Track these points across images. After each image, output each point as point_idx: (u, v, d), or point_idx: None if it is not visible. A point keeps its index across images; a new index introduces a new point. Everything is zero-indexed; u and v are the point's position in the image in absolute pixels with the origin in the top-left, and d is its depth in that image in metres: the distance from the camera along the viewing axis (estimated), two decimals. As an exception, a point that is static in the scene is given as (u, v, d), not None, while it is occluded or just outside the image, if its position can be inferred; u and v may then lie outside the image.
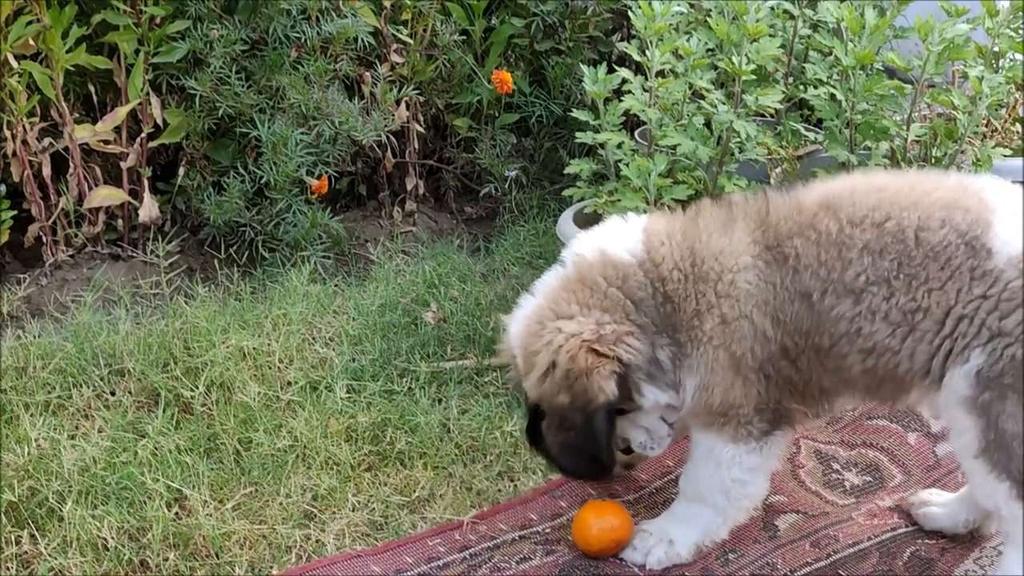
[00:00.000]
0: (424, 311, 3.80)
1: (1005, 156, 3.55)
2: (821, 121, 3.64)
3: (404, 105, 4.48)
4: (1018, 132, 3.89)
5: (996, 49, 3.61)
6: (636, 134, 3.95)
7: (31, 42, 3.85)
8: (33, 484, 2.91)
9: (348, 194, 4.67)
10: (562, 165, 4.20)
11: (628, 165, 3.46)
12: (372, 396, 3.35)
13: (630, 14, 3.53)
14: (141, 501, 2.88)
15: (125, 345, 3.50)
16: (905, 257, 2.44)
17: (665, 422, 2.73)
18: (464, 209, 4.79)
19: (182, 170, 4.32)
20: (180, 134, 4.23)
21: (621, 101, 3.54)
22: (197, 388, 3.31)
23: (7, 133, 3.92)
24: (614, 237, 2.68)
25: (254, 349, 3.49)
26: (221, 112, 4.17)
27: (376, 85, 4.38)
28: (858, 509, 2.95)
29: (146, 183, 4.20)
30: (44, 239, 4.08)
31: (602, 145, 3.61)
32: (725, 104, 3.46)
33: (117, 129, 4.13)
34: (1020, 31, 3.64)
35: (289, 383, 3.41)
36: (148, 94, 4.14)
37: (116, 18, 4.01)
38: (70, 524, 2.79)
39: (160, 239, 4.14)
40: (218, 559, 2.76)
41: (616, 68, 3.65)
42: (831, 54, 3.65)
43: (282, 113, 4.20)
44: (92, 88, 4.18)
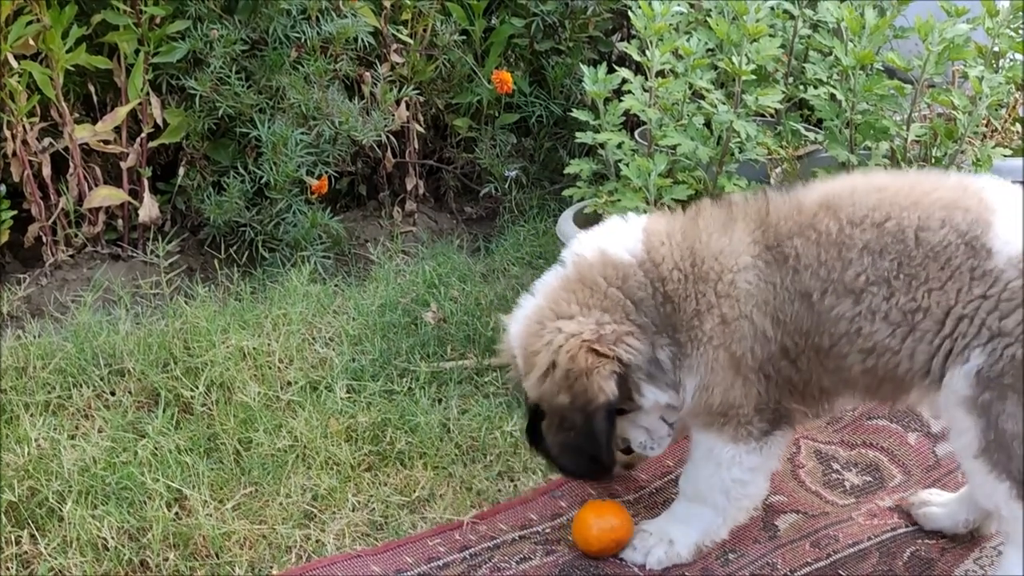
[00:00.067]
0: (424, 311, 3.80)
1: (1005, 156, 3.55)
2: (821, 121, 3.64)
3: (404, 105, 4.48)
4: (1018, 132, 3.89)
5: (996, 49, 3.61)
6: (636, 134, 3.95)
7: (31, 42, 3.84)
8: (33, 484, 2.91)
9: (348, 194, 4.67)
10: (562, 165, 4.20)
11: (628, 165, 3.46)
12: (372, 396, 3.35)
13: (630, 14, 3.53)
14: (141, 501, 2.88)
15: (125, 345, 3.50)
16: (905, 257, 2.44)
17: (665, 422, 2.73)
18: (464, 209, 4.79)
19: (182, 170, 4.31)
20: (180, 134, 4.23)
21: (621, 101, 3.54)
22: (197, 388, 3.31)
23: (7, 133, 3.92)
24: (614, 237, 2.68)
25: (254, 349, 3.49)
26: (221, 112, 4.17)
27: (376, 85, 4.38)
28: (858, 509, 2.94)
29: (146, 183, 4.20)
30: (44, 239, 4.08)
31: (602, 145, 3.61)
32: (725, 104, 3.46)
33: (117, 129, 4.13)
34: (1020, 31, 3.64)
35: (289, 383, 3.41)
36: (148, 94, 4.14)
37: (116, 18, 4.01)
38: (70, 524, 2.79)
39: (160, 239, 4.14)
40: (218, 559, 2.76)
41: (616, 68, 3.65)
42: (831, 54, 3.65)
43: (282, 113, 4.20)
44: (92, 88, 4.18)
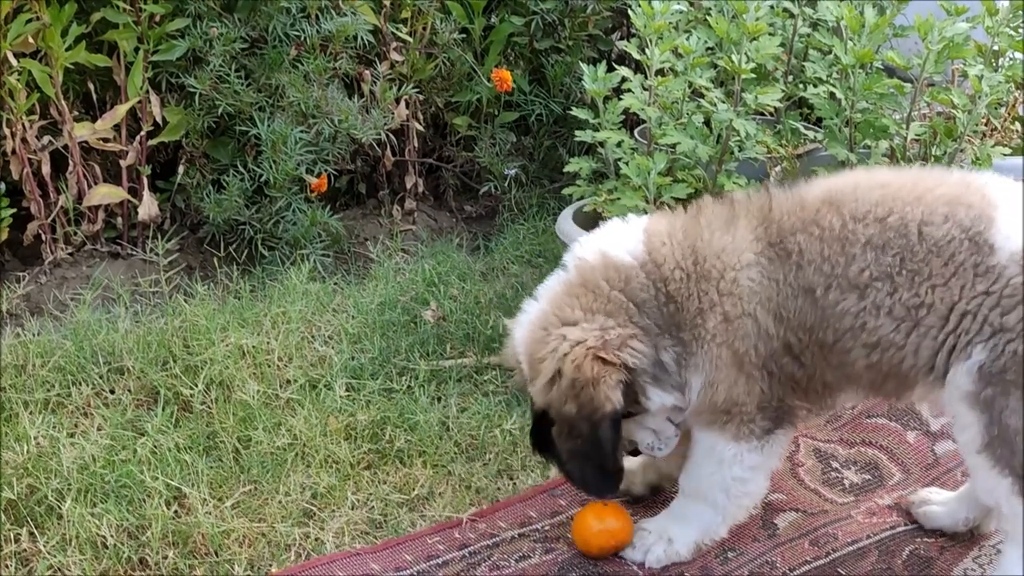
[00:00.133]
0: (423, 309, 3.80)
1: (1005, 155, 3.55)
2: (821, 120, 3.64)
3: (404, 103, 4.48)
4: (1017, 131, 3.89)
5: (996, 48, 3.61)
6: (636, 132, 3.95)
7: (31, 40, 3.84)
8: (32, 482, 2.91)
9: (347, 192, 4.67)
10: (562, 163, 4.20)
11: (628, 163, 3.46)
12: (371, 394, 3.35)
13: (630, 12, 3.53)
14: (140, 499, 2.88)
15: (124, 343, 3.50)
16: (908, 252, 2.44)
17: (671, 422, 2.73)
18: (463, 207, 4.79)
19: (181, 168, 4.31)
20: (180, 132, 4.23)
21: (621, 99, 3.54)
22: (196, 386, 3.31)
23: (7, 131, 3.92)
24: (615, 239, 2.68)
25: (253, 347, 3.49)
26: (221, 110, 4.17)
27: (376, 83, 4.37)
28: (857, 507, 2.95)
29: (145, 181, 4.20)
30: (43, 237, 4.08)
31: (602, 143, 3.61)
32: (725, 103, 3.46)
33: (117, 127, 4.13)
34: (1020, 30, 3.64)
35: (288, 381, 3.40)
36: (148, 92, 4.14)
37: (116, 16, 4.01)
38: (69, 522, 2.79)
39: (159, 237, 4.14)
40: (217, 557, 2.76)
41: (616, 66, 3.65)
42: (831, 52, 3.65)
43: (282, 111, 4.20)
44: (92, 86, 4.18)
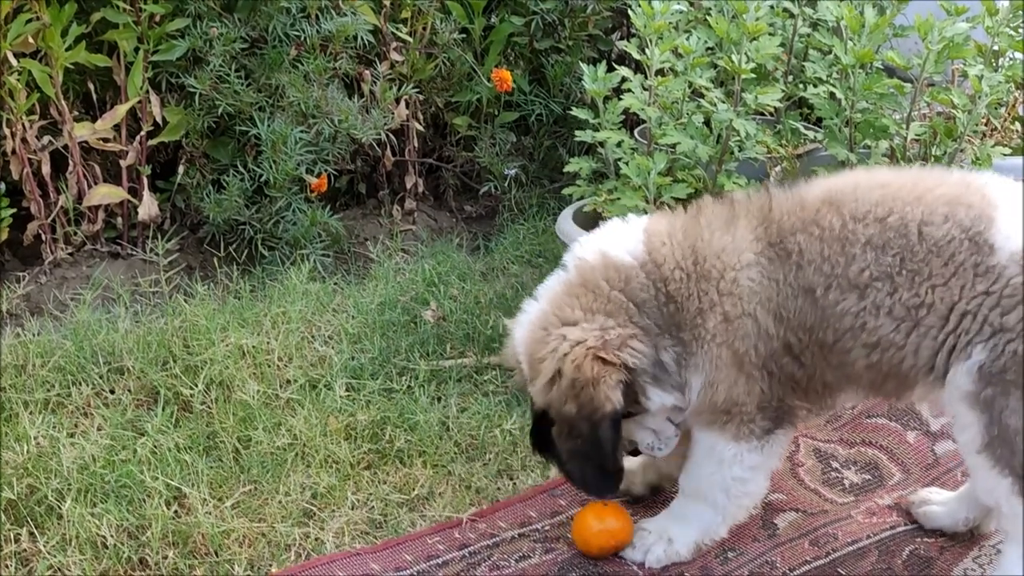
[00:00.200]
0: (423, 309, 3.80)
1: (1004, 155, 3.55)
2: (821, 120, 3.64)
3: (404, 103, 4.48)
4: (1017, 131, 3.89)
5: (996, 48, 3.61)
6: (636, 132, 3.95)
7: (31, 40, 3.85)
8: (32, 482, 2.91)
9: (347, 192, 4.67)
10: (562, 163, 4.20)
11: (628, 163, 3.46)
12: (371, 394, 3.35)
13: (630, 12, 3.53)
14: (140, 499, 2.88)
15: (124, 343, 3.50)
16: (908, 252, 2.44)
17: (671, 422, 2.72)
18: (463, 207, 4.79)
19: (181, 168, 4.31)
20: (179, 132, 4.23)
21: (621, 99, 3.53)
22: (196, 386, 3.31)
23: (7, 131, 3.92)
24: (615, 239, 2.68)
25: (253, 347, 3.49)
26: (221, 110, 4.17)
27: (376, 83, 4.37)
28: (857, 507, 2.94)
29: (145, 181, 4.20)
30: (43, 237, 4.08)
31: (602, 143, 3.61)
32: (725, 102, 3.46)
33: (117, 127, 4.13)
34: (1020, 30, 3.64)
35: (288, 381, 3.40)
36: (148, 92, 4.14)
37: (116, 16, 4.01)
38: (69, 522, 2.79)
39: (159, 237, 4.14)
40: (217, 557, 2.76)
41: (616, 66, 3.65)
42: (831, 52, 3.65)
43: (282, 111, 4.20)
44: (92, 86, 4.18)
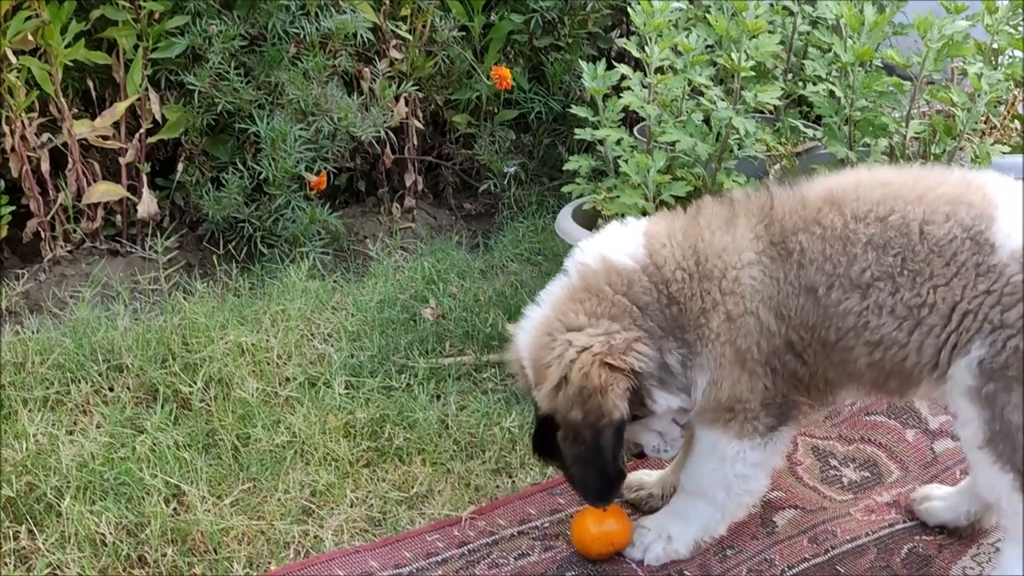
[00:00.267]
0: (423, 307, 3.80)
1: (1004, 153, 3.55)
2: (820, 118, 3.64)
3: (403, 101, 4.47)
4: (1017, 129, 3.89)
5: (995, 46, 3.61)
6: (635, 130, 3.94)
7: (30, 37, 3.84)
8: (31, 479, 2.91)
9: (347, 190, 4.67)
10: (561, 161, 4.20)
11: (627, 161, 3.45)
12: (370, 392, 3.35)
13: (629, 10, 3.52)
14: (139, 497, 2.88)
15: (123, 341, 3.50)
16: (909, 252, 2.44)
17: (677, 424, 2.73)
18: (463, 205, 4.79)
19: (181, 166, 4.31)
20: (179, 130, 4.23)
21: (620, 97, 3.53)
22: (195, 384, 3.31)
23: (6, 128, 3.92)
24: (615, 243, 2.67)
25: (252, 345, 3.49)
26: (220, 108, 4.16)
27: (375, 81, 4.37)
28: (856, 505, 2.95)
29: (145, 179, 4.20)
30: (43, 235, 4.08)
31: (601, 141, 3.61)
32: (724, 100, 3.46)
33: (116, 125, 4.13)
34: (1019, 28, 3.64)
35: (287, 379, 3.40)
36: (147, 90, 4.13)
37: (115, 13, 4.01)
38: (68, 520, 2.79)
39: (159, 235, 4.14)
40: (216, 555, 2.76)
41: (615, 64, 3.64)
42: (830, 50, 3.64)
43: (281, 109, 4.20)
44: (91, 83, 4.18)
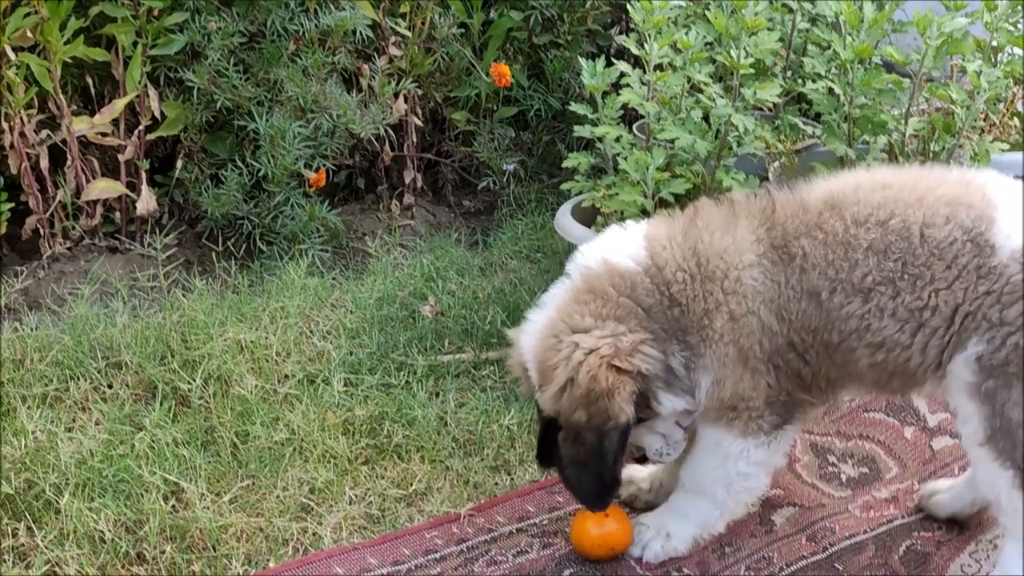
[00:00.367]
0: (422, 305, 3.80)
1: (1003, 151, 3.55)
2: (819, 115, 3.64)
3: (402, 98, 4.47)
4: (1016, 127, 3.89)
5: (995, 44, 3.61)
6: (634, 128, 3.94)
7: (29, 34, 3.84)
8: (30, 476, 2.91)
9: (346, 187, 4.67)
10: (560, 159, 4.20)
11: (626, 159, 3.45)
12: (369, 389, 3.35)
13: (629, 7, 3.52)
14: (138, 494, 2.88)
15: (122, 338, 3.50)
16: (910, 256, 2.44)
17: (680, 426, 2.73)
18: (462, 202, 4.79)
19: (180, 163, 4.31)
20: (178, 127, 4.23)
21: (619, 95, 3.53)
22: (194, 381, 3.31)
23: (5, 125, 3.92)
24: (617, 246, 2.68)
25: (251, 342, 3.49)
26: (219, 105, 4.16)
27: (374, 78, 4.37)
28: (854, 501, 2.95)
29: (144, 176, 4.20)
30: (42, 232, 4.08)
31: (600, 139, 3.61)
32: (723, 98, 3.46)
33: (115, 122, 4.13)
34: (1019, 26, 3.64)
35: (286, 376, 3.40)
36: (146, 86, 4.13)
37: (114, 10, 4.01)
38: (67, 516, 2.79)
39: (158, 232, 4.14)
40: (215, 552, 2.76)
41: (614, 61, 3.64)
42: (829, 48, 3.65)
43: (280, 106, 4.20)
44: (90, 80, 4.18)
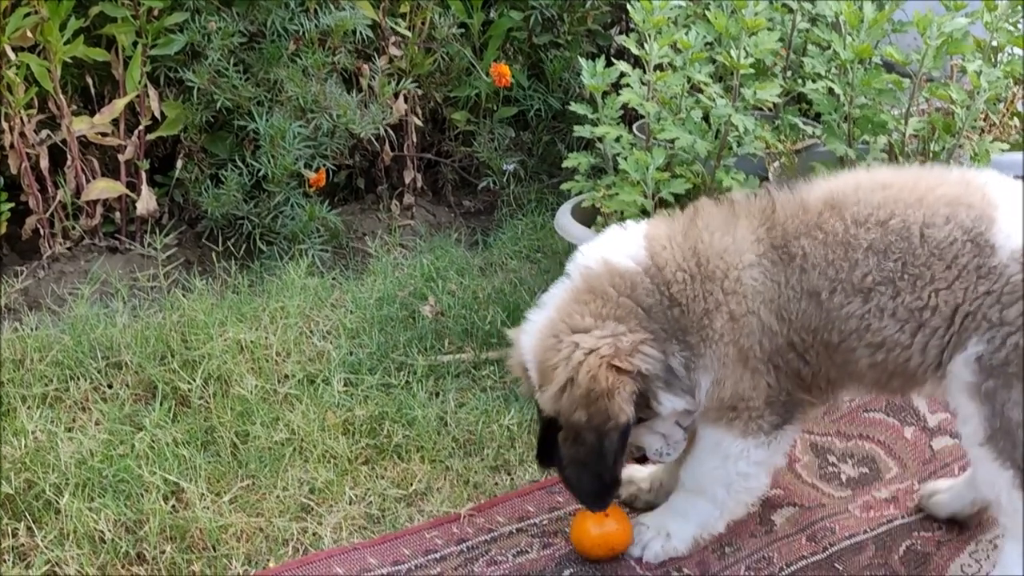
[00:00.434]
0: (422, 304, 3.80)
1: (1003, 151, 3.55)
2: (819, 115, 3.64)
3: (402, 98, 4.47)
4: (1016, 127, 3.89)
5: (995, 43, 3.61)
6: (634, 128, 3.94)
7: (29, 34, 3.84)
8: (30, 476, 2.91)
9: (346, 187, 4.67)
10: (560, 159, 4.20)
11: (626, 159, 3.45)
12: (369, 389, 3.35)
13: (629, 7, 3.52)
14: (138, 494, 2.88)
15: (122, 338, 3.50)
16: (910, 256, 2.44)
17: (680, 426, 2.73)
18: (462, 202, 4.79)
19: (180, 163, 4.31)
20: (178, 127, 4.23)
21: (619, 95, 3.53)
22: (194, 381, 3.31)
23: (5, 125, 3.92)
24: (617, 246, 2.68)
25: (251, 342, 3.49)
26: (219, 105, 4.16)
27: (374, 78, 4.37)
28: (854, 501, 2.95)
29: (144, 176, 4.20)
30: (42, 232, 4.08)
31: (600, 139, 3.61)
32: (723, 98, 3.46)
33: (115, 122, 4.13)
34: (1018, 25, 3.64)
35: (286, 376, 3.40)
36: (146, 86, 4.13)
37: (114, 10, 4.01)
38: (67, 516, 2.79)
39: (158, 232, 4.14)
40: (215, 552, 2.76)
41: (614, 61, 3.64)
42: (829, 48, 3.65)
43: (280, 106, 4.20)
44: (90, 80, 4.18)
